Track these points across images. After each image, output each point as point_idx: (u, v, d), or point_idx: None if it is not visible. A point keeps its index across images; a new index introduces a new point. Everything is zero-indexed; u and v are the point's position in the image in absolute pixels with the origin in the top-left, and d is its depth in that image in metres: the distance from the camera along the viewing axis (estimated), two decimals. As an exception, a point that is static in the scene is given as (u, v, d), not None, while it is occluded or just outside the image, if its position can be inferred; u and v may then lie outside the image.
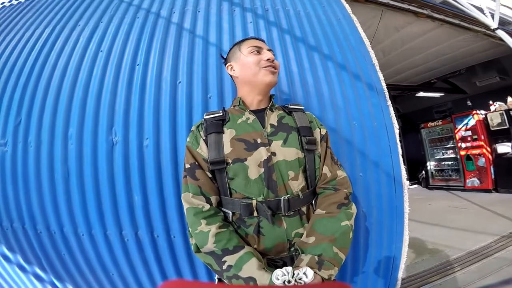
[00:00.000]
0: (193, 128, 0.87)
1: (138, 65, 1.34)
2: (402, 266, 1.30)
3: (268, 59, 0.85)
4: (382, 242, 1.27)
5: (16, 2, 1.93)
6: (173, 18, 1.49)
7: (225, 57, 0.99)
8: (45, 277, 1.33)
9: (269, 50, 0.89)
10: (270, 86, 0.87)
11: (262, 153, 0.78)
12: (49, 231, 1.26)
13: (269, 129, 0.83)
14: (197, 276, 1.21)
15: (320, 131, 0.89)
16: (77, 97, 1.32)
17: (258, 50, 0.87)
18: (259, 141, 0.79)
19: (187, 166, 0.81)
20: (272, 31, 1.46)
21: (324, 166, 0.85)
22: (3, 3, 1.95)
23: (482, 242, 2.56)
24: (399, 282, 1.31)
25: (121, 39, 1.44)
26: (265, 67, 0.85)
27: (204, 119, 0.87)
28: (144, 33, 1.45)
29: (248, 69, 0.85)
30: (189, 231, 0.78)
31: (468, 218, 3.50)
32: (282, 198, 0.75)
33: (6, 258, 1.35)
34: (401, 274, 1.31)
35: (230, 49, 0.96)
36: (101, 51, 1.42)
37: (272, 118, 0.86)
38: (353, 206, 0.82)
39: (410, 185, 6.70)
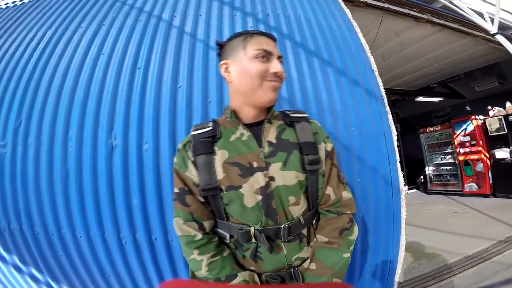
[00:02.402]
0: (179, 146, 0.76)
1: (138, 68, 1.35)
2: (399, 270, 1.30)
3: (275, 73, 0.69)
4: (379, 247, 1.28)
5: (20, 2, 1.94)
6: (175, 22, 1.50)
7: (221, 45, 0.78)
8: (41, 278, 1.33)
9: (279, 57, 0.73)
10: (269, 105, 0.74)
11: (259, 180, 0.68)
12: (46, 232, 1.26)
13: (266, 149, 0.72)
14: (194, 279, 1.21)
15: (325, 146, 0.78)
16: (77, 99, 1.33)
17: (266, 56, 0.69)
18: (255, 165, 0.69)
19: (176, 190, 0.73)
20: (273, 36, 1.47)
21: (328, 186, 0.76)
22: (7, 3, 1.96)
23: (479, 247, 2.56)
24: (396, 286, 1.32)
25: (122, 42, 1.44)
26: (269, 81, 0.69)
27: (192, 135, 0.75)
28: (145, 36, 1.45)
29: (248, 79, 0.69)
30: None
31: (465, 223, 3.51)
32: (282, 226, 0.69)
33: (2, 258, 1.35)
34: (398, 278, 1.31)
35: (231, 39, 0.75)
36: (103, 53, 1.43)
37: (271, 133, 0.75)
38: (355, 229, 0.78)
39: (408, 190, 6.68)
